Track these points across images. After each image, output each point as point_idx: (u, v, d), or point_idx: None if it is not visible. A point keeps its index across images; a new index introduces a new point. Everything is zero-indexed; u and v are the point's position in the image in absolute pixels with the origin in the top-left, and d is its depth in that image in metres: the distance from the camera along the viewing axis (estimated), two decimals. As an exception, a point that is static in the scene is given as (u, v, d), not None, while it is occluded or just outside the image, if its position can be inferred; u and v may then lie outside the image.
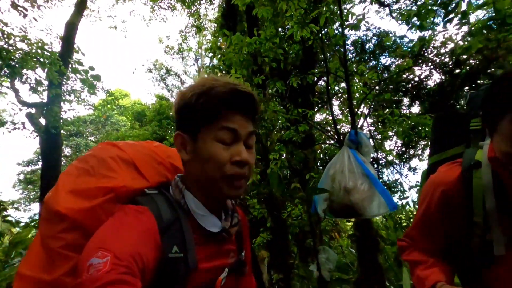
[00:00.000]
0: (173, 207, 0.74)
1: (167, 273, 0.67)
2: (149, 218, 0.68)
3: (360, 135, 2.21)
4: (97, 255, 0.56)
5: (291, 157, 8.01)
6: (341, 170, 2.12)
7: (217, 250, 0.78)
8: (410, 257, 0.99)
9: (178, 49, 14.71)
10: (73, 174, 0.76)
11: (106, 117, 17.20)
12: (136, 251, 0.60)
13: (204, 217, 0.75)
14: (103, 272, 0.53)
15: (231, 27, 8.07)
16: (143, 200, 0.73)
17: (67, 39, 6.84)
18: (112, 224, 0.66)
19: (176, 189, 0.78)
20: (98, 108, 16.71)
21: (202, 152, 0.72)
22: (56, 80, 5.28)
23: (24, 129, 5.76)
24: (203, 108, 0.71)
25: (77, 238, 0.68)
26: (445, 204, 0.89)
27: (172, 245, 0.68)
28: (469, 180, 0.85)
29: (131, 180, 0.76)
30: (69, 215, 0.68)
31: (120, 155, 0.79)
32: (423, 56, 7.14)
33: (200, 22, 9.92)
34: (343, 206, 2.03)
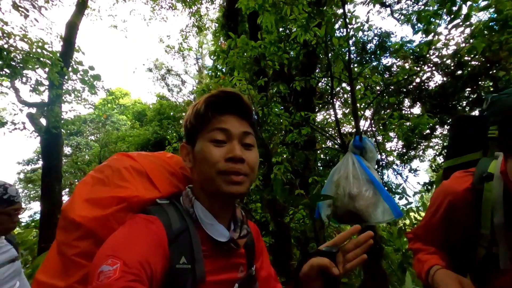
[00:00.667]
0: (183, 217, 0.75)
1: (174, 284, 0.66)
2: (158, 228, 0.69)
3: (365, 141, 2.19)
4: (107, 262, 0.57)
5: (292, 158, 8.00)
6: (345, 176, 2.10)
7: (225, 263, 0.77)
8: (414, 246, 1.03)
9: (178, 48, 14.68)
10: (89, 183, 0.79)
11: (107, 117, 17.18)
12: (145, 259, 0.60)
13: (212, 226, 0.76)
14: (112, 280, 0.54)
15: (233, 28, 8.05)
16: (154, 210, 0.74)
17: (68, 39, 6.83)
18: (122, 233, 0.67)
19: (186, 198, 0.79)
20: (98, 108, 16.70)
21: (198, 155, 0.76)
22: (57, 81, 5.27)
23: (24, 129, 5.75)
24: (196, 115, 0.77)
25: (90, 246, 0.69)
26: (451, 213, 0.89)
27: (180, 256, 0.69)
28: (480, 192, 0.84)
29: (143, 190, 0.78)
30: (83, 223, 0.70)
31: (134, 166, 0.82)
32: (425, 58, 7.12)
33: (201, 22, 9.89)
34: (347, 212, 2.01)
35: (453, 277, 0.82)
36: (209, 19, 10.68)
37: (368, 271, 2.24)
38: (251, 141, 0.79)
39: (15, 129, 5.65)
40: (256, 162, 0.79)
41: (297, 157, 7.94)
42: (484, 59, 5.96)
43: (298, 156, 7.81)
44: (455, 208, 0.88)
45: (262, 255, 0.95)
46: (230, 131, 0.75)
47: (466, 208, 0.86)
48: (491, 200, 0.82)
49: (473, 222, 0.85)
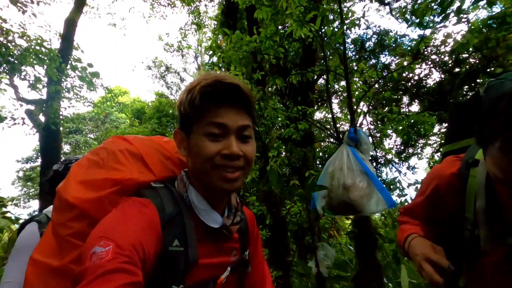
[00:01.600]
0: (177, 201, 0.75)
1: (167, 266, 0.68)
2: (151, 211, 0.69)
3: (359, 133, 2.21)
4: (100, 244, 0.58)
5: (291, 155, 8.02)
6: (340, 167, 2.12)
7: (218, 247, 0.79)
8: (401, 219, 1.06)
9: (177, 46, 14.69)
10: (84, 165, 0.79)
11: (106, 115, 17.17)
12: (138, 241, 0.61)
13: (205, 212, 0.76)
14: (105, 261, 0.55)
15: (231, 25, 8.05)
16: (147, 193, 0.75)
17: (66, 36, 6.83)
18: (115, 215, 0.67)
19: (181, 183, 0.79)
20: (97, 105, 16.69)
21: (193, 148, 0.74)
22: (55, 77, 5.28)
23: (24, 124, 5.75)
24: (190, 104, 0.72)
25: (84, 227, 0.70)
26: (437, 197, 0.93)
27: (174, 239, 0.70)
28: (465, 178, 0.87)
29: (137, 173, 0.78)
30: (77, 204, 0.71)
31: (129, 149, 0.82)
32: (422, 55, 7.14)
33: (200, 19, 9.89)
34: (342, 203, 2.03)
35: (427, 243, 0.85)
36: (208, 17, 10.68)
37: (362, 263, 2.27)
38: (249, 133, 0.76)
39: (14, 124, 5.65)
40: (253, 154, 0.78)
41: (295, 154, 7.95)
42: (481, 56, 5.98)
43: (296, 153, 7.83)
44: (441, 191, 0.91)
45: (256, 242, 0.96)
46: (227, 125, 0.72)
47: (452, 192, 0.89)
48: (475, 185, 0.85)
49: (459, 206, 0.88)
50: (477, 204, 0.84)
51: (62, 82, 6.15)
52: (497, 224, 0.83)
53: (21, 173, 17.50)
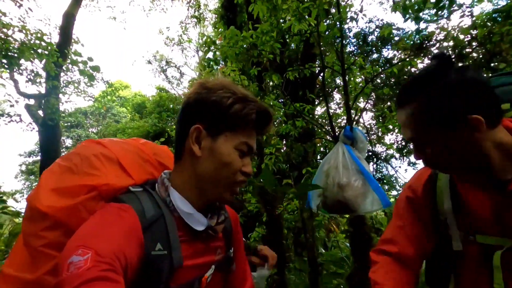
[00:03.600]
0: (157, 205, 0.73)
1: (151, 271, 0.66)
2: (131, 216, 0.68)
3: (355, 131, 2.18)
4: (78, 252, 0.56)
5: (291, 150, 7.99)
6: (335, 166, 2.10)
7: (203, 247, 0.78)
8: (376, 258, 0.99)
9: (178, 40, 14.58)
10: (56, 172, 0.76)
11: (107, 109, 17.18)
12: (119, 248, 0.60)
13: (190, 215, 0.75)
14: (83, 270, 0.53)
15: (231, 19, 7.95)
16: (126, 198, 0.73)
17: (64, 30, 6.78)
18: (93, 222, 0.65)
19: (162, 186, 0.78)
20: (98, 100, 16.69)
21: (222, 156, 0.74)
22: (53, 72, 5.25)
23: (20, 121, 5.74)
24: (237, 115, 0.73)
25: (59, 236, 0.68)
26: (411, 203, 0.94)
27: (156, 243, 0.68)
28: (435, 181, 0.90)
29: (115, 178, 0.76)
30: (50, 214, 0.68)
31: (104, 153, 0.79)
32: (424, 49, 7.03)
33: (200, 13, 9.79)
34: (336, 202, 2.01)
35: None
36: (208, 10, 10.56)
37: (357, 261, 2.25)
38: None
39: (11, 121, 5.64)
40: None
41: (296, 149, 7.93)
42: (485, 51, 5.88)
43: (296, 148, 7.80)
44: (414, 198, 0.93)
45: (239, 240, 0.96)
46: (252, 149, 0.79)
47: (425, 197, 0.91)
48: (441, 187, 0.87)
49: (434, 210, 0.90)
50: (444, 205, 0.86)
51: (59, 76, 6.11)
52: (466, 224, 0.84)
53: (23, 167, 17.64)
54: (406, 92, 0.76)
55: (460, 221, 0.85)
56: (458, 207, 0.85)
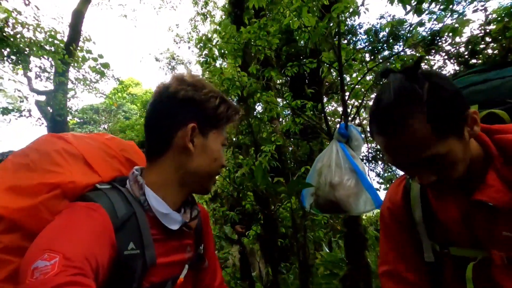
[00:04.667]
0: (128, 202, 0.71)
1: (123, 270, 0.65)
2: (102, 215, 0.65)
3: (350, 129, 2.11)
4: (43, 257, 0.52)
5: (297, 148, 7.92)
6: (328, 164, 2.04)
7: (174, 245, 0.77)
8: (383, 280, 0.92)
9: (188, 38, 14.62)
10: (9, 169, 0.70)
11: (118, 106, 17.47)
12: (89, 250, 0.57)
13: (165, 215, 0.73)
14: (51, 275, 0.49)
15: (239, 15, 7.91)
16: (94, 196, 0.70)
17: (73, 27, 6.90)
18: (60, 223, 0.62)
19: (135, 184, 0.75)
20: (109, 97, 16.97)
21: (213, 152, 0.79)
22: (60, 68, 5.35)
23: (30, 116, 5.89)
24: (223, 115, 0.80)
25: (16, 240, 0.63)
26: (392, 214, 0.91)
27: (128, 242, 0.66)
28: (409, 191, 0.88)
29: (80, 175, 0.72)
30: (5, 215, 0.62)
31: (67, 149, 0.75)
32: (437, 46, 6.81)
33: (208, 10, 9.79)
34: (328, 201, 1.96)
35: None
36: (216, 6, 10.55)
37: (352, 262, 2.19)
38: None
39: (20, 116, 5.79)
40: None
41: (301, 147, 7.84)
42: (499, 47, 5.64)
43: (302, 146, 7.71)
44: (394, 211, 0.90)
45: (209, 236, 0.95)
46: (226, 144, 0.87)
47: (401, 208, 0.88)
48: (414, 197, 0.86)
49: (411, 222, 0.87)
50: (415, 215, 0.85)
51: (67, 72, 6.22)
52: (440, 235, 0.81)
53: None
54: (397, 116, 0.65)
55: (435, 232, 0.82)
56: (431, 218, 0.82)
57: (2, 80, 5.38)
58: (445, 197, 0.78)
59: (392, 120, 0.64)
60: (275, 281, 2.42)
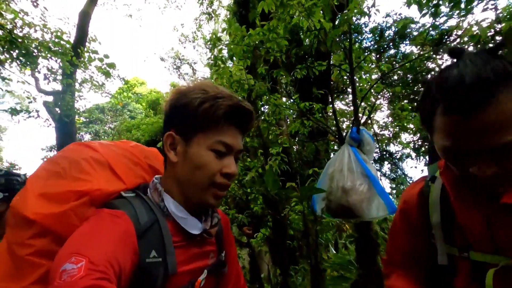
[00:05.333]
0: (151, 210, 0.73)
1: (145, 278, 0.66)
2: (126, 222, 0.67)
3: (362, 133, 2.09)
4: (71, 260, 0.55)
5: (303, 149, 7.89)
6: (340, 169, 2.02)
7: (198, 252, 0.77)
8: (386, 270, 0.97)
9: (192, 37, 14.63)
10: (42, 177, 0.74)
11: (123, 105, 17.56)
12: (113, 256, 0.59)
13: (185, 220, 0.74)
14: (77, 278, 0.52)
15: (244, 15, 7.88)
16: (119, 203, 0.72)
17: (80, 28, 6.93)
18: (86, 229, 0.64)
19: (155, 191, 0.77)
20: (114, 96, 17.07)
21: (194, 158, 0.72)
22: (68, 70, 5.38)
23: (38, 117, 5.93)
24: (206, 115, 0.71)
25: (47, 244, 0.66)
26: (405, 220, 0.90)
27: (150, 250, 0.68)
28: (427, 194, 0.86)
29: (106, 183, 0.74)
30: (38, 220, 0.66)
31: (94, 157, 0.78)
32: (445, 44, 6.72)
33: (213, 9, 9.77)
34: (340, 206, 1.94)
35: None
36: (222, 6, 10.52)
37: (363, 268, 2.18)
38: (240, 155, 0.80)
39: (29, 117, 5.84)
40: None
41: (307, 148, 7.82)
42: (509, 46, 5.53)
43: (308, 147, 7.69)
44: (408, 214, 0.89)
45: (231, 242, 0.95)
46: (232, 147, 0.74)
47: (418, 212, 0.87)
48: (433, 200, 0.84)
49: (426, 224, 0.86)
50: (433, 219, 0.83)
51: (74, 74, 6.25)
52: (459, 239, 0.78)
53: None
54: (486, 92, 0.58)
55: (454, 236, 0.80)
56: (451, 222, 0.80)
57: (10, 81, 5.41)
58: (468, 200, 0.76)
59: (481, 97, 0.57)
60: (284, 283, 2.41)
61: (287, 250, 2.78)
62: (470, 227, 0.75)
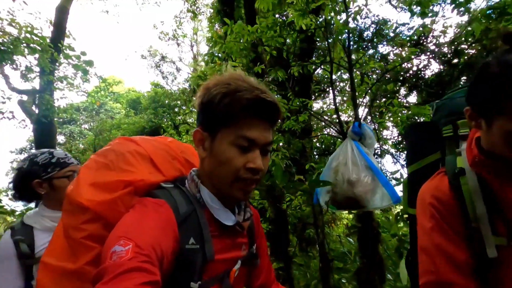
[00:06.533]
0: (189, 201, 0.77)
1: (185, 264, 0.70)
2: (167, 211, 0.71)
3: (364, 127, 2.18)
4: (120, 243, 0.60)
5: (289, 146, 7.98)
6: (344, 162, 2.10)
7: (230, 243, 0.81)
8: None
9: (172, 35, 14.37)
10: (92, 168, 0.80)
11: (100, 104, 16.92)
12: (156, 241, 0.63)
13: (219, 211, 0.78)
14: (125, 259, 0.57)
15: (228, 13, 7.85)
16: (160, 193, 0.76)
17: (58, 24, 6.61)
18: (133, 216, 0.69)
19: (192, 183, 0.81)
20: (91, 95, 16.40)
21: (218, 154, 0.74)
22: (48, 68, 5.12)
23: (13, 118, 5.58)
24: (226, 110, 0.71)
25: (98, 229, 0.72)
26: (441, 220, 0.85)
27: (189, 237, 0.72)
28: (459, 188, 0.84)
29: (148, 174, 0.80)
30: (91, 207, 0.72)
31: (138, 150, 0.83)
32: (422, 45, 7.08)
33: (196, 6, 9.66)
34: (347, 198, 2.02)
35: None
36: (204, 4, 10.43)
37: (365, 256, 2.28)
38: (270, 148, 0.79)
39: (2, 119, 5.48)
40: (267, 167, 0.81)
41: (294, 145, 7.93)
42: (480, 47, 5.95)
43: (294, 144, 7.80)
44: (445, 209, 0.84)
45: (261, 236, 1.00)
46: (256, 141, 0.73)
47: (453, 206, 0.84)
48: (470, 192, 0.82)
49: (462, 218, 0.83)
50: (477, 210, 0.80)
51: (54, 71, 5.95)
52: (503, 227, 0.78)
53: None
54: None
55: (497, 227, 0.79)
56: (495, 210, 0.79)
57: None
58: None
59: None
60: (288, 276, 2.47)
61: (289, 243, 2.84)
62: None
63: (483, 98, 0.76)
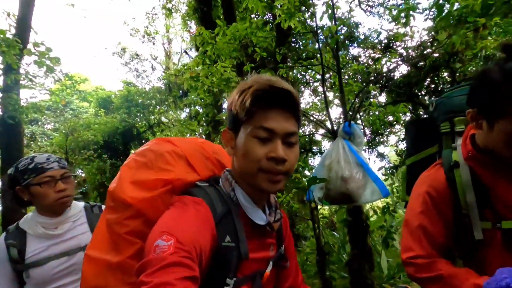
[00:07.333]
0: (223, 199, 0.80)
1: (221, 261, 0.73)
2: (205, 209, 0.74)
3: (353, 127, 2.33)
4: (163, 238, 0.63)
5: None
6: (337, 160, 2.23)
7: (261, 243, 0.84)
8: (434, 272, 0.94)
9: (144, 31, 13.91)
10: (133, 167, 0.83)
11: (65, 103, 15.92)
12: (196, 238, 0.66)
13: (252, 210, 0.81)
14: (167, 254, 0.60)
15: (206, 12, 7.77)
16: (197, 192, 0.79)
17: (22, 18, 6.14)
18: (174, 212, 0.72)
19: (226, 182, 0.84)
20: (55, 93, 15.34)
21: (240, 148, 0.77)
22: (15, 65, 4.76)
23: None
24: (242, 105, 0.75)
25: (139, 225, 0.75)
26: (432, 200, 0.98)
27: (225, 235, 0.75)
28: (453, 179, 0.97)
29: (185, 174, 0.83)
30: (134, 204, 0.75)
31: (175, 150, 0.85)
32: (391, 49, 7.53)
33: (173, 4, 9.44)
34: (340, 194, 2.15)
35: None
36: (178, 1, 10.21)
37: (355, 248, 2.43)
38: (295, 139, 0.78)
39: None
40: (296, 159, 0.81)
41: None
42: (443, 52, 6.46)
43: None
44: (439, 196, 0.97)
45: (289, 238, 1.02)
46: (275, 130, 0.74)
47: (447, 195, 0.96)
48: (462, 183, 0.94)
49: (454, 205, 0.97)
50: (467, 199, 0.93)
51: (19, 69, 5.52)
52: (489, 213, 0.91)
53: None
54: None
55: (485, 213, 0.92)
56: (484, 199, 0.92)
57: None
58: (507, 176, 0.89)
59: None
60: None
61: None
62: (506, 199, 0.90)
63: (485, 102, 0.86)
